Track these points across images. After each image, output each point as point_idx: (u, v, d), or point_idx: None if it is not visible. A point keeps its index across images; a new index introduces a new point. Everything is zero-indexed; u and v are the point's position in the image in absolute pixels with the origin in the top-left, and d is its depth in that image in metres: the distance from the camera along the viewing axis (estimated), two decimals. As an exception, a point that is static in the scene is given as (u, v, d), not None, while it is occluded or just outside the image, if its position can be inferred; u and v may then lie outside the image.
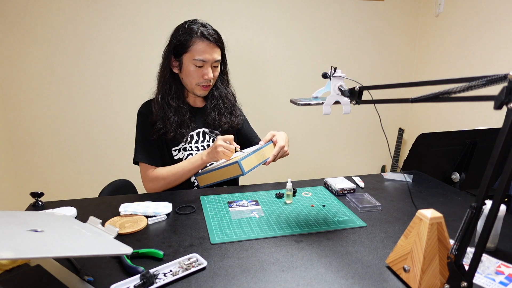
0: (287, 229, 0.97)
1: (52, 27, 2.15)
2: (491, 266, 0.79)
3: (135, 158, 1.36)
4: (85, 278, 0.73)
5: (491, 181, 0.62)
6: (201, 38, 1.27)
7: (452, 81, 0.66)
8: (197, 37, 1.27)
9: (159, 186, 1.33)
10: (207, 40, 1.28)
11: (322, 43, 2.62)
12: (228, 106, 1.44)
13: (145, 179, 1.35)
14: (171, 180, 1.32)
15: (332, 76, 0.95)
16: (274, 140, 1.35)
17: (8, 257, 0.53)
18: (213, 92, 1.42)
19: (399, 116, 2.93)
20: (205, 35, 1.27)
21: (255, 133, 1.58)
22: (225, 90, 1.44)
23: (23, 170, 2.31)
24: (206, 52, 1.28)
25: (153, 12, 2.27)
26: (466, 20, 2.32)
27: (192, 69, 1.30)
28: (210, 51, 1.29)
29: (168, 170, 1.33)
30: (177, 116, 1.33)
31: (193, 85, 1.33)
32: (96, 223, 0.88)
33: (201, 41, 1.27)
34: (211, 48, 1.29)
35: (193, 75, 1.31)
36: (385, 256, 0.84)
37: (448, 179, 1.55)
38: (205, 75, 1.31)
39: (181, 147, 1.37)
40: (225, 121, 1.42)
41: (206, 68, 1.30)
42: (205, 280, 0.75)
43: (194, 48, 1.28)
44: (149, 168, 1.34)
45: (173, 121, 1.32)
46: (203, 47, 1.28)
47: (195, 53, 1.28)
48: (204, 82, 1.32)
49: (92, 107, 2.33)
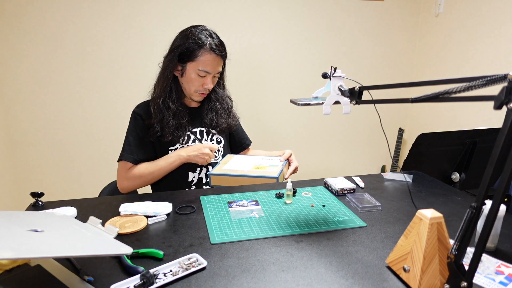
0: (287, 229, 0.97)
1: (52, 27, 2.15)
2: (491, 266, 0.79)
3: (121, 157, 1.34)
4: (85, 278, 0.73)
5: (491, 181, 0.62)
6: (210, 51, 1.29)
7: (452, 81, 0.66)
8: (206, 50, 1.29)
9: (134, 185, 1.33)
10: (215, 54, 1.30)
11: (322, 43, 2.62)
12: (225, 108, 1.47)
13: (122, 177, 1.34)
14: (147, 179, 1.33)
15: (332, 76, 0.95)
16: (290, 159, 1.45)
17: (8, 257, 0.53)
18: (210, 94, 1.44)
19: (399, 116, 2.93)
20: (213, 49, 1.30)
21: (246, 135, 1.65)
22: (221, 93, 1.47)
23: (23, 170, 2.31)
24: (211, 65, 1.31)
25: (153, 12, 2.27)
26: (466, 20, 2.32)
27: (194, 77, 1.32)
28: (215, 64, 1.32)
29: (145, 168, 1.33)
30: (175, 120, 1.35)
31: (192, 91, 1.36)
32: (96, 223, 0.88)
33: (209, 54, 1.30)
34: (217, 62, 1.32)
35: (194, 83, 1.34)
36: (385, 256, 0.84)
37: (448, 179, 1.55)
38: (205, 85, 1.34)
39: (178, 146, 1.39)
40: (222, 121, 1.45)
41: (207, 78, 1.33)
42: (205, 280, 0.75)
43: (201, 59, 1.30)
44: (130, 166, 1.33)
45: (172, 125, 1.34)
46: (210, 60, 1.30)
47: (201, 64, 1.30)
48: (202, 90, 1.36)
49: (92, 107, 2.33)
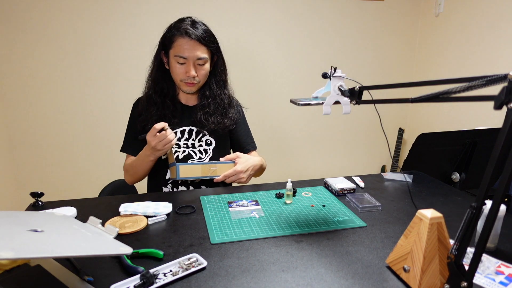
0: (287, 229, 0.97)
1: (53, 27, 2.15)
2: (491, 266, 0.79)
3: (121, 149, 1.46)
4: (85, 278, 0.73)
5: (491, 181, 0.62)
6: (183, 35, 1.29)
7: (452, 81, 0.66)
8: (179, 34, 1.29)
9: (127, 176, 1.43)
10: (188, 37, 1.29)
11: (322, 43, 2.62)
12: (218, 107, 1.42)
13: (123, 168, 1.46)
14: (132, 173, 1.40)
15: (332, 76, 0.95)
16: (236, 162, 1.30)
17: (8, 257, 0.53)
18: (205, 92, 1.42)
19: (399, 116, 2.93)
20: (187, 33, 1.28)
21: (251, 139, 1.53)
22: (217, 91, 1.43)
23: (23, 170, 2.31)
24: (186, 49, 1.29)
25: (154, 11, 2.27)
26: (466, 20, 2.32)
27: (175, 65, 1.32)
28: (191, 49, 1.29)
29: (129, 163, 1.41)
30: (159, 111, 1.37)
31: (178, 81, 1.36)
32: (96, 223, 0.88)
33: (182, 38, 1.29)
34: (191, 46, 1.29)
35: (177, 72, 1.33)
36: (385, 256, 0.84)
37: (448, 179, 1.55)
38: (187, 72, 1.31)
39: None
40: (212, 121, 1.39)
41: (188, 65, 1.31)
42: (205, 280, 0.75)
43: (175, 44, 1.30)
44: (128, 158, 1.44)
45: (154, 114, 1.36)
46: (184, 43, 1.29)
47: (176, 49, 1.30)
48: (187, 79, 1.33)
49: (92, 107, 2.33)
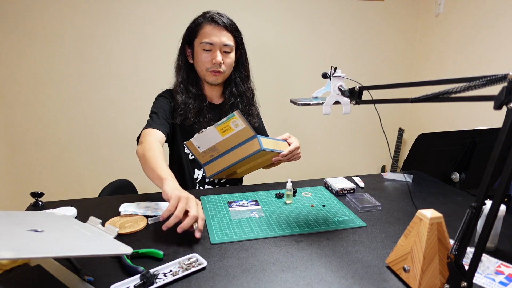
0: (287, 229, 0.97)
1: (52, 27, 2.15)
2: (491, 266, 0.79)
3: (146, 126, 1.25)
4: (85, 278, 0.73)
5: (491, 181, 0.62)
6: (210, 22, 1.30)
7: (452, 81, 0.66)
8: (206, 21, 1.31)
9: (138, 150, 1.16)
10: (215, 23, 1.30)
11: (322, 43, 2.62)
12: (246, 105, 1.44)
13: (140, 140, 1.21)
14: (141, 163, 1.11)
15: (332, 76, 0.95)
16: (289, 141, 1.31)
17: (8, 257, 0.53)
18: (232, 90, 1.42)
19: (399, 116, 2.93)
20: (213, 19, 1.30)
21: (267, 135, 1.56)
22: (243, 87, 1.44)
23: (23, 170, 2.31)
24: (213, 35, 1.30)
25: (154, 11, 2.27)
26: (466, 20, 2.32)
27: (201, 53, 1.32)
28: (218, 34, 1.30)
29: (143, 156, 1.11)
30: (196, 103, 1.35)
31: (204, 71, 1.34)
32: (96, 223, 0.88)
33: (209, 24, 1.30)
34: (218, 31, 1.31)
35: (203, 60, 1.32)
36: (385, 256, 0.84)
37: (448, 179, 1.55)
38: (214, 59, 1.31)
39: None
40: None
41: (215, 52, 1.31)
42: (205, 280, 0.75)
43: (202, 31, 1.31)
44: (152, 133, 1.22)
45: (193, 107, 1.34)
46: (210, 29, 1.30)
47: (202, 36, 1.30)
48: (213, 67, 1.32)
49: (92, 107, 2.33)
